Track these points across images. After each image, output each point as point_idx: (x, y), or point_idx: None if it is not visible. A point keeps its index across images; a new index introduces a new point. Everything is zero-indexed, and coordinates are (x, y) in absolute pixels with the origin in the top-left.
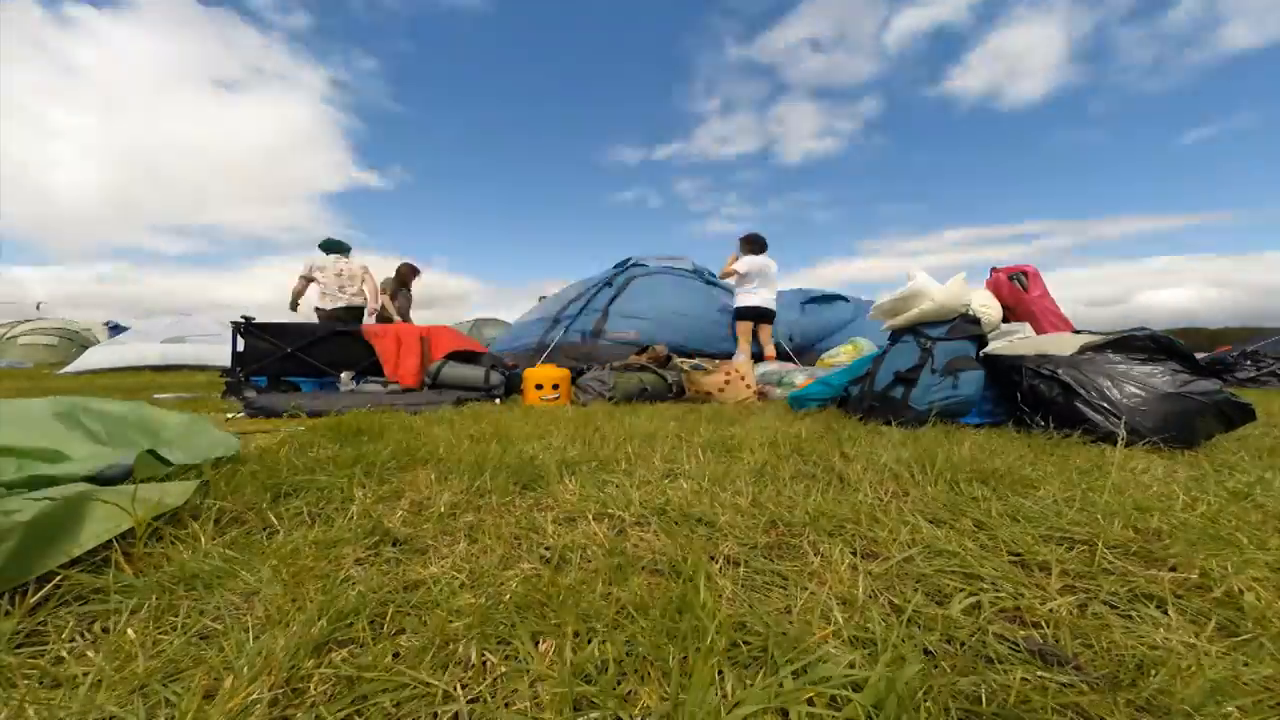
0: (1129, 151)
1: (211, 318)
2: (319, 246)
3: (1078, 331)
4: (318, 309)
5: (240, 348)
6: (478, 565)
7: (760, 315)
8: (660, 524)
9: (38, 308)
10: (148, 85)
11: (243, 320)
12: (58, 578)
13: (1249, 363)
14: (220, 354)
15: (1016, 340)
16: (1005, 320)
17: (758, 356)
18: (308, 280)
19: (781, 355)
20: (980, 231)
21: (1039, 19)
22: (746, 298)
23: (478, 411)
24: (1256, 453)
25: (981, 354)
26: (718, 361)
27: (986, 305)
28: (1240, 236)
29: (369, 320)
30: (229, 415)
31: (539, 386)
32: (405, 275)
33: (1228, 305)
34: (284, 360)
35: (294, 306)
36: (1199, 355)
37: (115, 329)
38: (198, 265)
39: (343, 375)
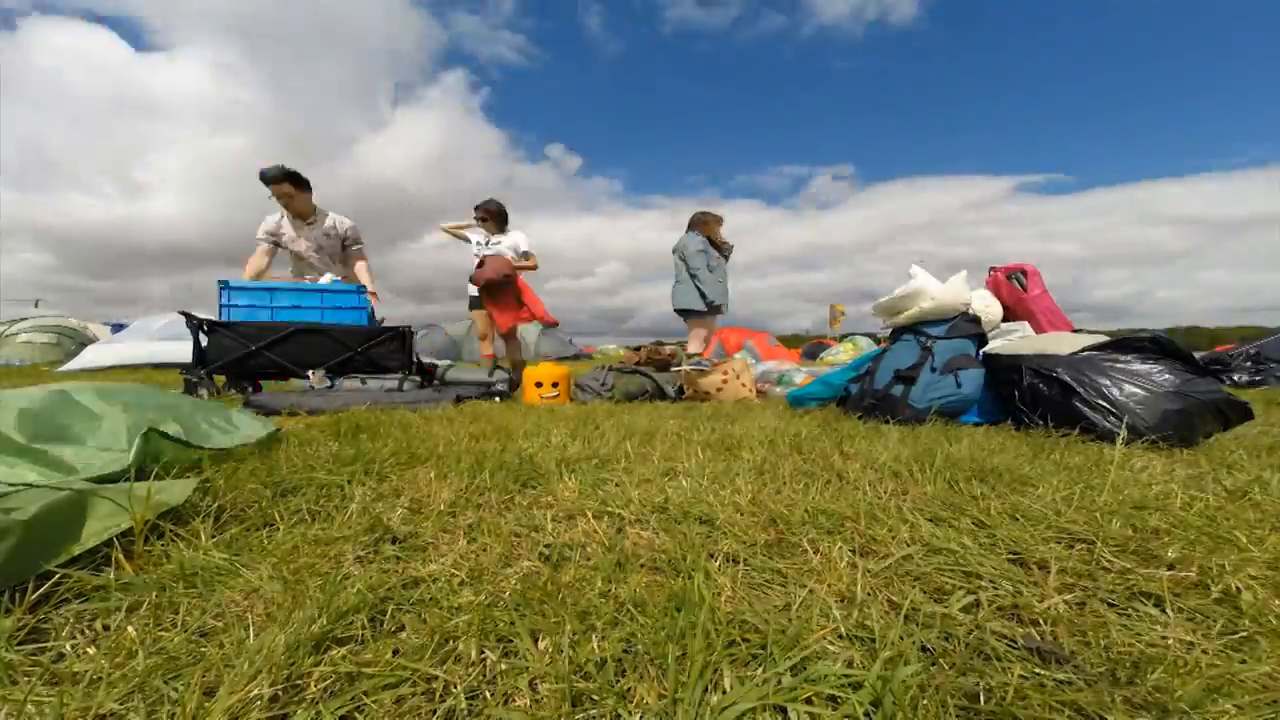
0: None
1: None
2: None
3: (1077, 331)
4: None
5: (203, 344)
6: (477, 563)
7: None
8: (659, 522)
9: (35, 305)
10: None
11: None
12: (58, 575)
13: (1249, 363)
14: None
15: (1016, 339)
16: (1004, 319)
17: None
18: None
19: None
20: None
21: None
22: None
23: (477, 409)
24: (1254, 451)
25: (981, 353)
26: (716, 361)
27: (986, 304)
28: None
29: None
30: None
31: (539, 384)
32: None
33: None
34: (249, 358)
35: None
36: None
37: (117, 327)
38: None
39: (312, 374)
